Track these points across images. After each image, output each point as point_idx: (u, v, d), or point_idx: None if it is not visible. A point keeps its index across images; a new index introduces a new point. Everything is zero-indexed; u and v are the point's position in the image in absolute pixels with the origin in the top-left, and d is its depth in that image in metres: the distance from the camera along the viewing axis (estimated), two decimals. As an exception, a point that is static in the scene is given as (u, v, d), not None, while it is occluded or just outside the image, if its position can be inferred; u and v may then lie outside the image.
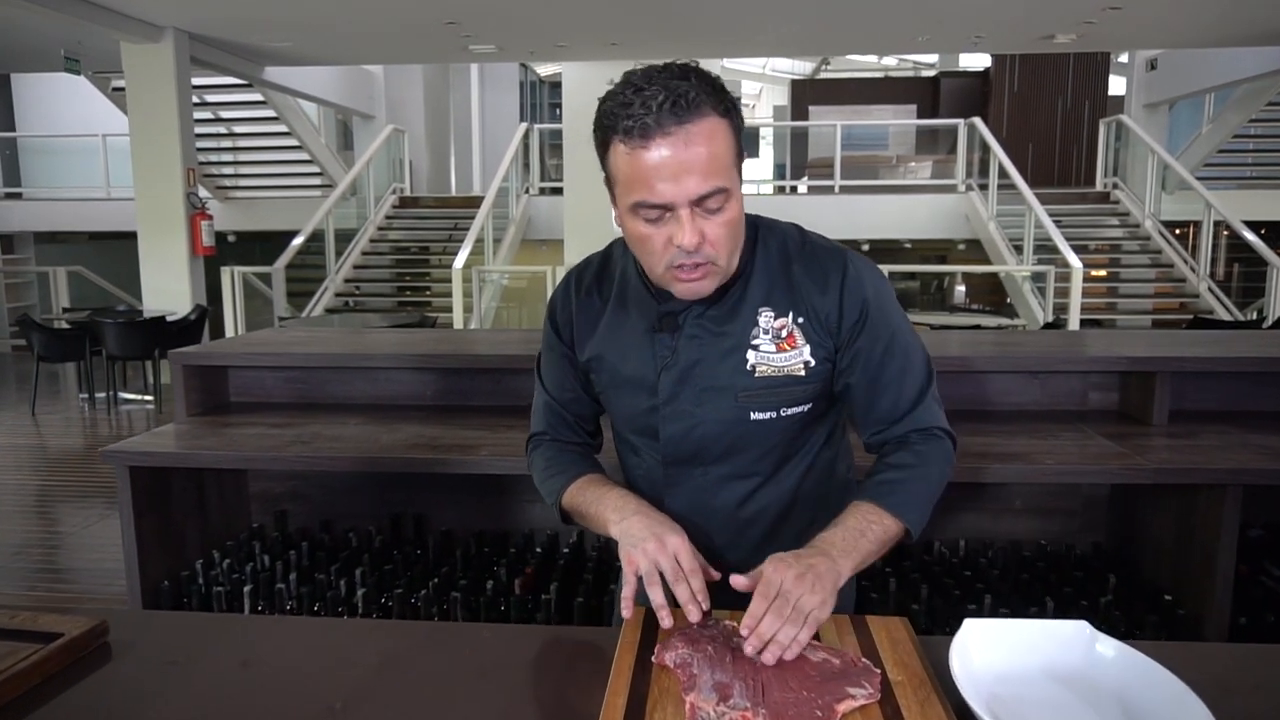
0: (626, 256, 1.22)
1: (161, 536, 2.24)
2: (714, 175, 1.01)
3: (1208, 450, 2.05)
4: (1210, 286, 8.57)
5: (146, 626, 1.17)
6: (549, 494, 1.27)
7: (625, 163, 1.02)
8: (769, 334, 1.14)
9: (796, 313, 1.14)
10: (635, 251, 1.12)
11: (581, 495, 1.20)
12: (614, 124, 1.01)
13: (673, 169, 0.99)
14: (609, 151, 1.05)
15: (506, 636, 1.16)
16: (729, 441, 1.18)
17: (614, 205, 1.10)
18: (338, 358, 2.52)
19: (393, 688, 0.98)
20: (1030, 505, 2.41)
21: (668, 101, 0.98)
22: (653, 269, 1.10)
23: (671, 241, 1.03)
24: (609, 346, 1.22)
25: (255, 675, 1.04)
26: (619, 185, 1.06)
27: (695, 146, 0.99)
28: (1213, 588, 1.95)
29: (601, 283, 1.25)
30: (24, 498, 4.89)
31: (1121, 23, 7.28)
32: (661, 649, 0.97)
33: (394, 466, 2.06)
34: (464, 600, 2.06)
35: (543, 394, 1.33)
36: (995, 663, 0.96)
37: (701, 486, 1.21)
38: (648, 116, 0.98)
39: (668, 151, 0.99)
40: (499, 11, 6.97)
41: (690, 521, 1.19)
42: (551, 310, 1.29)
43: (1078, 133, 12.53)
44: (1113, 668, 0.95)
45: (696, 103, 0.99)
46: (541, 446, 1.33)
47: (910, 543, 1.16)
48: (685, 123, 0.98)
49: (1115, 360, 2.36)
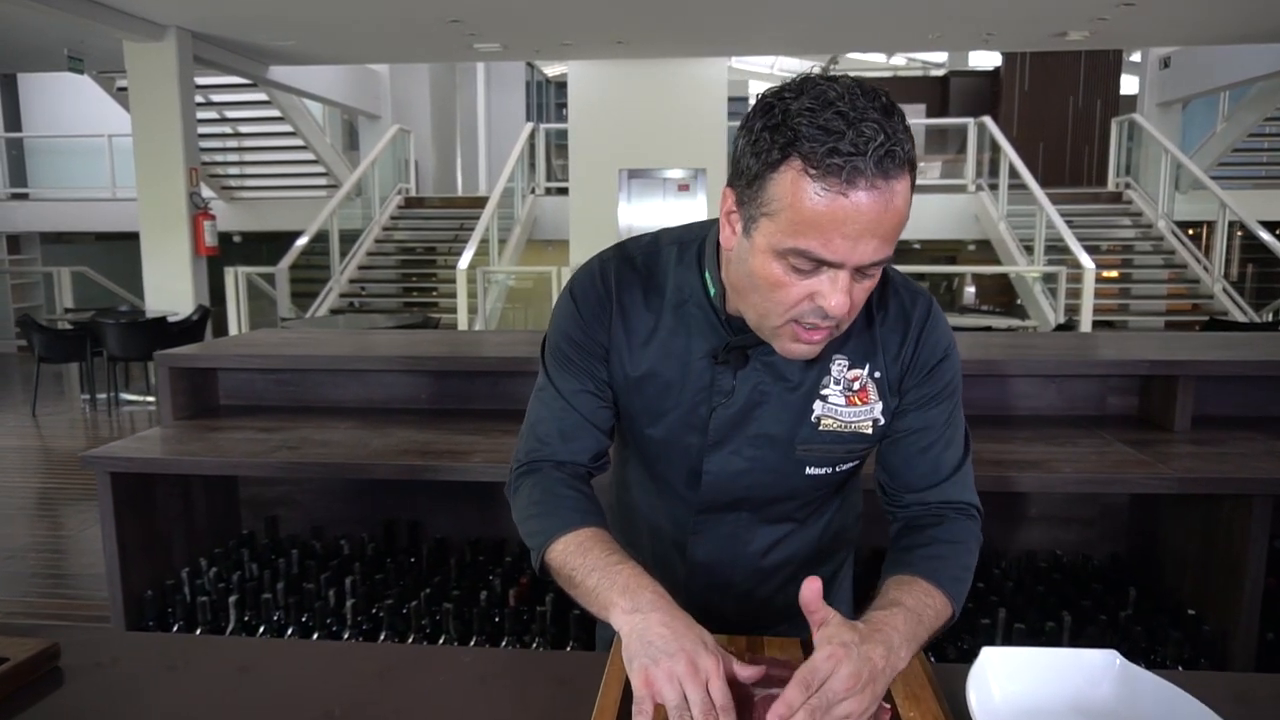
0: (683, 267, 1.05)
1: (146, 544, 2.17)
2: (892, 243, 0.87)
3: (1234, 458, 1.96)
4: (1225, 287, 8.45)
5: (102, 648, 1.10)
6: (530, 536, 1.05)
7: (805, 199, 0.83)
8: (840, 385, 1.03)
9: (874, 366, 1.04)
10: (751, 292, 0.93)
11: (579, 558, 0.98)
12: (811, 147, 0.82)
13: (860, 228, 0.83)
14: (779, 169, 0.85)
15: (486, 661, 1.08)
16: (775, 494, 1.08)
17: (736, 216, 0.92)
18: (330, 360, 2.45)
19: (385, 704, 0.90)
20: (1046, 514, 2.32)
21: (884, 149, 0.82)
22: (767, 317, 0.93)
23: (812, 299, 0.88)
24: (663, 367, 1.05)
25: (227, 700, 0.96)
26: (777, 216, 0.86)
27: (892, 208, 0.84)
28: (1240, 603, 1.86)
29: (649, 288, 1.06)
30: (23, 500, 4.85)
31: (1135, 19, 7.17)
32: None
33: (381, 473, 1.99)
34: (457, 612, 1.98)
35: (556, 399, 1.09)
36: (1016, 695, 0.88)
37: (732, 534, 1.11)
38: (859, 160, 0.81)
39: (865, 209, 0.83)
40: (503, 9, 6.91)
41: (713, 566, 1.11)
42: (577, 302, 1.07)
43: (1089, 132, 12.39)
44: (1146, 702, 0.87)
45: (903, 159, 0.84)
46: (536, 474, 1.09)
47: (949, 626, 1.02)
48: (891, 179, 0.83)
49: (1135, 364, 2.27)
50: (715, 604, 1.13)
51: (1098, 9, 6.87)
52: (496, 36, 7.99)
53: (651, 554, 1.16)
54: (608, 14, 7.11)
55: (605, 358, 1.07)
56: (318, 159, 10.68)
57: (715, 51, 9.08)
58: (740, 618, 1.14)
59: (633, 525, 1.19)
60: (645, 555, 1.16)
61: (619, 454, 1.20)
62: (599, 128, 9.64)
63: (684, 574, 1.14)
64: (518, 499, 1.11)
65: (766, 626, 1.13)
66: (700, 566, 1.11)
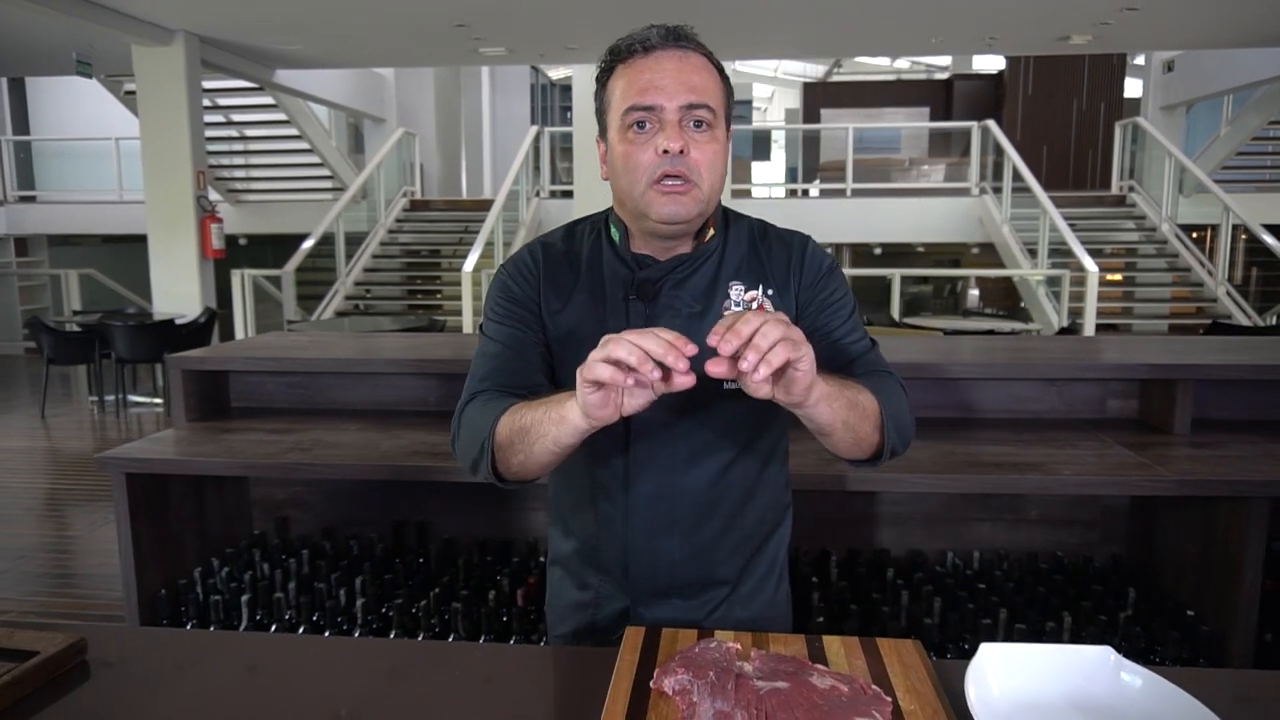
0: (595, 234, 1.24)
1: (159, 544, 2.20)
2: (704, 93, 1.09)
3: (1232, 461, 1.98)
4: (1229, 291, 8.46)
5: (129, 643, 1.13)
6: (472, 442, 1.10)
7: (622, 79, 1.11)
8: (740, 306, 1.17)
9: (766, 286, 1.18)
10: (619, 177, 1.12)
11: (520, 414, 1.05)
12: (618, 50, 1.12)
13: (664, 78, 1.08)
14: (609, 82, 1.13)
15: (496, 658, 1.11)
16: (700, 414, 1.15)
17: (603, 151, 1.16)
18: (339, 363, 2.49)
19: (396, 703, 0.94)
20: (1047, 516, 2.34)
21: (666, 29, 1.11)
22: (634, 188, 1.10)
23: (656, 152, 1.07)
24: (584, 321, 1.17)
25: (242, 694, 0.99)
26: (613, 107, 1.12)
27: (689, 64, 1.10)
28: (1237, 603, 1.88)
29: (568, 252, 1.23)
30: (32, 500, 4.89)
31: (1138, 23, 7.19)
32: (661, 674, 0.92)
33: (394, 474, 2.02)
34: (465, 611, 2.01)
35: (490, 344, 1.19)
36: (1014, 691, 0.91)
37: (671, 465, 1.17)
38: (651, 35, 1.11)
39: (662, 61, 1.09)
40: (509, 14, 6.94)
41: (659, 502, 1.17)
42: (508, 274, 1.22)
43: (1093, 135, 12.39)
44: (1140, 698, 0.90)
45: (694, 42, 1.13)
46: (476, 398, 1.15)
47: (875, 461, 1.12)
48: (682, 46, 1.11)
49: (1135, 367, 2.30)
50: (662, 548, 1.18)
51: (1100, 13, 6.88)
52: (502, 41, 8.03)
53: (595, 511, 1.21)
54: (612, 19, 7.14)
55: (537, 313, 1.20)
56: (323, 162, 10.72)
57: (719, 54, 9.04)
58: (687, 557, 1.19)
59: (576, 485, 1.24)
60: (589, 514, 1.22)
61: None
62: (603, 131, 9.66)
63: (629, 521, 1.19)
64: (460, 423, 1.16)
65: (712, 568, 1.20)
66: (643, 507, 1.16)
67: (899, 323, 7.00)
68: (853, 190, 10.71)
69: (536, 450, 1.02)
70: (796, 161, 13.05)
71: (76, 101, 11.76)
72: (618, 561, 1.21)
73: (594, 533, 1.22)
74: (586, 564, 1.25)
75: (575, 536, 1.26)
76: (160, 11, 6.72)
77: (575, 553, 1.26)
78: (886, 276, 7.97)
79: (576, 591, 1.27)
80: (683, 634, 1.03)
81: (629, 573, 1.20)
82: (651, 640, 1.00)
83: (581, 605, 1.26)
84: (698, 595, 1.21)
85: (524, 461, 1.05)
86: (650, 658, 0.97)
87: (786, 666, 0.93)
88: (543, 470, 1.08)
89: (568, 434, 0.99)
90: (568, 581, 1.29)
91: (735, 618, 1.21)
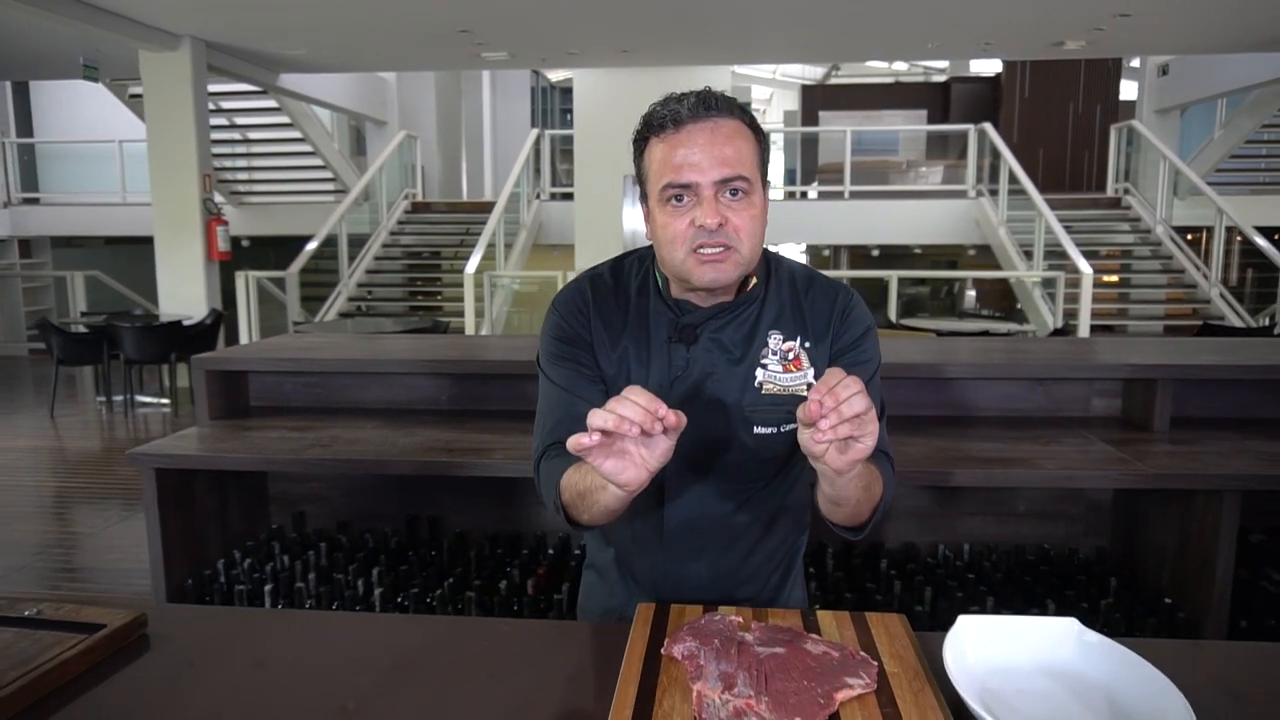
0: (643, 272, 1.27)
1: (185, 537, 2.30)
2: (737, 165, 1.11)
3: (1207, 456, 2.09)
4: (1222, 293, 8.57)
5: (184, 618, 1.23)
6: (548, 495, 1.19)
7: (658, 153, 1.14)
8: (777, 355, 1.21)
9: (804, 338, 1.22)
10: (660, 245, 1.17)
11: (576, 474, 1.12)
12: (651, 123, 1.15)
13: (698, 154, 1.10)
14: (646, 151, 1.17)
15: (523, 630, 1.22)
16: (732, 454, 1.23)
17: (645, 212, 1.20)
18: (355, 363, 2.59)
19: (406, 686, 1.04)
20: (1034, 509, 2.45)
21: (696, 97, 1.13)
22: (674, 256, 1.14)
23: (694, 224, 1.11)
24: (632, 360, 1.23)
25: (294, 661, 1.09)
26: (650, 179, 1.16)
27: (720, 135, 1.12)
28: (1211, 591, 1.98)
29: (617, 290, 1.27)
30: (46, 499, 4.98)
31: (1131, 29, 7.30)
32: (670, 642, 1.02)
33: (412, 469, 2.11)
34: (478, 599, 2.12)
35: (553, 390, 1.25)
36: (988, 657, 1.01)
37: (702, 496, 1.26)
38: (681, 109, 1.12)
39: (696, 137, 1.11)
40: (511, 20, 7.04)
41: (690, 528, 1.26)
42: (560, 312, 1.26)
43: (1089, 138, 12.50)
44: (1099, 662, 1.00)
45: (724, 105, 1.13)
46: (546, 454, 1.23)
47: (857, 538, 1.18)
48: (713, 116, 1.12)
49: (1117, 367, 2.40)
50: (690, 570, 1.29)
51: (1095, 19, 6.99)
52: (504, 46, 8.14)
53: (631, 530, 1.31)
54: (614, 24, 7.25)
55: (590, 350, 1.25)
56: (325, 164, 10.83)
57: (719, 59, 9.21)
58: (713, 579, 1.29)
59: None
60: (625, 532, 1.31)
61: None
62: (604, 134, 9.76)
63: (662, 544, 1.29)
64: (542, 476, 1.24)
65: (735, 587, 1.30)
66: (677, 533, 1.26)
67: (895, 324, 7.11)
68: (851, 192, 10.81)
69: (596, 511, 1.10)
70: (795, 164, 13.15)
71: (80, 104, 11.86)
72: (648, 577, 1.31)
73: (629, 548, 1.32)
74: (620, 573, 1.35)
75: (612, 546, 1.36)
76: (168, 17, 6.83)
77: (611, 561, 1.36)
78: (884, 278, 8.07)
79: (607, 598, 1.38)
80: (689, 609, 1.13)
81: (659, 589, 1.30)
82: (661, 615, 1.11)
83: (609, 611, 1.37)
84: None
85: (591, 519, 1.13)
86: (660, 629, 1.07)
87: (783, 635, 1.03)
88: (611, 518, 1.13)
89: (612, 500, 1.05)
90: (601, 586, 1.40)
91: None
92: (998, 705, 0.94)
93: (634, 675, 0.96)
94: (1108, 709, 0.94)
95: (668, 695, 0.92)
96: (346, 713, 0.97)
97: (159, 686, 1.03)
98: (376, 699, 0.99)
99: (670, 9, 6.74)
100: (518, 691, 1.00)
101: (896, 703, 0.91)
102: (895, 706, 0.90)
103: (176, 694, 1.01)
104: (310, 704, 0.99)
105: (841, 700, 0.91)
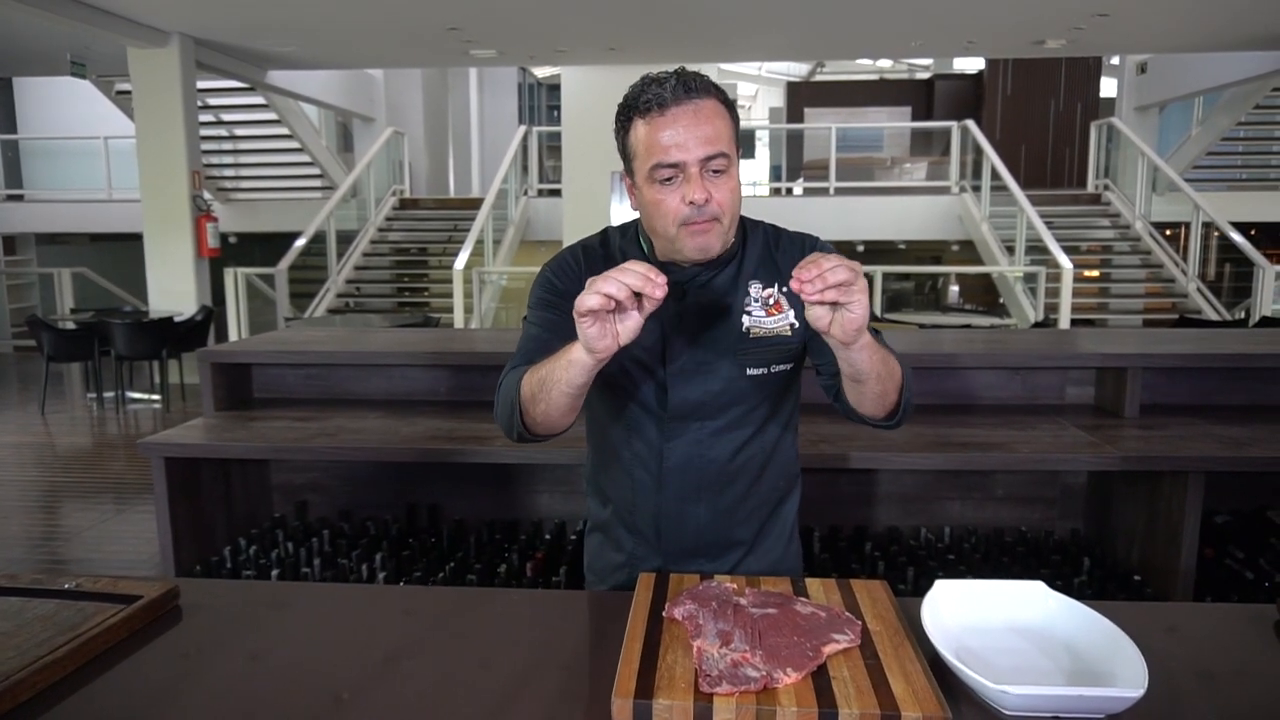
0: (625, 240, 1.38)
1: (192, 524, 2.37)
2: (718, 143, 1.21)
3: (1173, 440, 2.19)
4: (1199, 287, 8.73)
5: (213, 591, 1.31)
6: (506, 398, 1.26)
7: (644, 134, 1.22)
8: (759, 301, 1.32)
9: (780, 284, 1.33)
10: (651, 219, 1.26)
11: (537, 369, 1.21)
12: (634, 105, 1.23)
13: (682, 133, 1.19)
14: (630, 130, 1.25)
15: (533, 599, 1.30)
16: (728, 397, 1.33)
17: (631, 185, 1.29)
18: (357, 355, 2.66)
19: (447, 644, 1.12)
20: (1012, 493, 2.55)
21: (677, 79, 1.21)
22: (666, 230, 1.24)
23: (684, 200, 1.21)
24: None
25: (318, 630, 1.17)
26: (638, 158, 1.24)
27: (702, 115, 1.21)
28: (1177, 569, 2.09)
29: (606, 256, 1.37)
30: (42, 494, 5.02)
31: (1110, 29, 7.44)
32: (671, 605, 1.10)
33: (416, 456, 2.19)
34: (479, 583, 2.20)
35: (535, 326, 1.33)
36: (963, 617, 1.11)
37: (698, 439, 1.36)
38: (664, 92, 1.20)
39: (680, 119, 1.20)
40: (500, 17, 7.10)
41: (689, 472, 1.36)
42: (548, 278, 1.35)
43: (1070, 135, 12.69)
44: (1062, 619, 1.09)
45: (702, 86, 1.22)
46: (511, 373, 1.30)
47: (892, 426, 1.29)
48: (694, 98, 1.21)
49: (1089, 357, 2.51)
50: (690, 512, 1.38)
51: (1074, 19, 7.13)
52: (493, 43, 8.19)
53: (632, 480, 1.40)
54: (602, 22, 7.32)
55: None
56: (313, 161, 10.84)
57: (706, 57, 9.30)
58: (711, 520, 1.38)
59: (615, 457, 1.42)
60: (626, 483, 1.40)
61: (592, 411, 1.44)
62: (592, 131, 9.82)
63: (661, 489, 1.38)
64: (501, 393, 1.30)
65: (732, 529, 1.40)
66: (675, 473, 1.35)
67: (879, 318, 7.22)
68: (835, 189, 10.94)
69: (554, 395, 1.17)
70: (780, 160, 13.27)
71: (64, 100, 11.80)
72: (650, 525, 1.40)
73: (630, 499, 1.41)
74: (622, 527, 1.44)
75: (612, 502, 1.45)
76: (157, 14, 6.84)
77: (613, 517, 1.45)
78: (868, 273, 8.16)
79: (614, 553, 1.46)
80: (688, 578, 1.22)
81: (661, 535, 1.39)
82: (661, 583, 1.19)
83: (618, 566, 1.45)
84: (721, 555, 1.41)
85: (545, 410, 1.20)
86: (661, 595, 1.16)
87: (775, 599, 1.12)
88: (562, 416, 1.22)
89: (577, 373, 1.14)
90: (606, 545, 1.48)
91: (752, 571, 1.40)
92: (971, 659, 1.03)
93: (639, 634, 1.05)
94: (1069, 660, 1.04)
95: (670, 651, 1.01)
96: (390, 661, 1.05)
97: (193, 653, 1.11)
98: (417, 653, 1.07)
99: (658, 8, 6.82)
100: (533, 649, 1.09)
101: (879, 655, 1.00)
102: (878, 659, 0.99)
103: (211, 660, 1.09)
104: (347, 661, 1.07)
105: (829, 654, 1.00)
